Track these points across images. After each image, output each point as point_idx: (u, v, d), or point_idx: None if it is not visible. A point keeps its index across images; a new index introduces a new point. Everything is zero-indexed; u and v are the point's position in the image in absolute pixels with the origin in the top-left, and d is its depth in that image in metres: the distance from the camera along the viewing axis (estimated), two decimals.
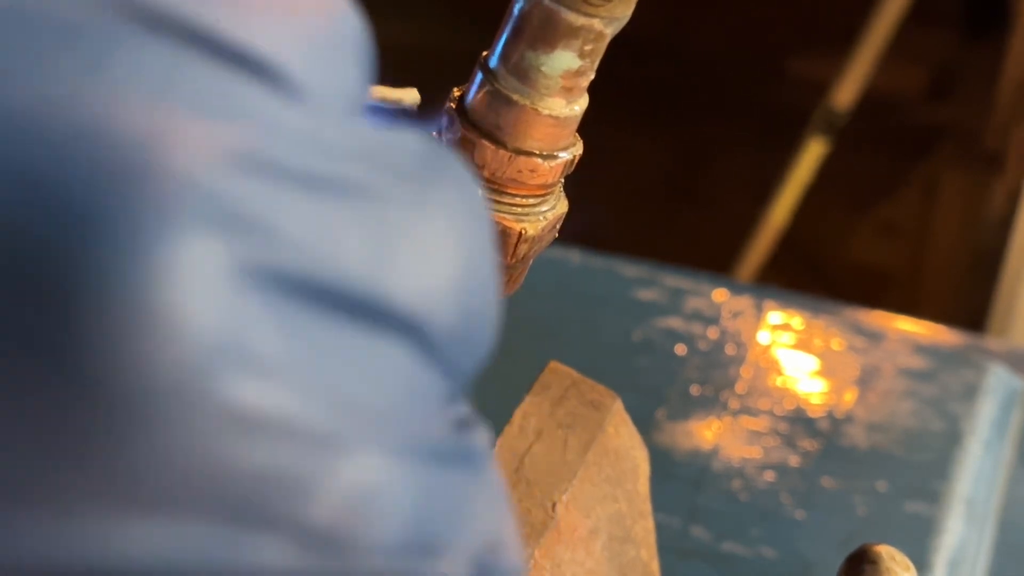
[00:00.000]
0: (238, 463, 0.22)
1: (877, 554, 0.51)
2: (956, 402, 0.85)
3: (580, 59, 0.44)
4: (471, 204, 0.26)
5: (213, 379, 0.22)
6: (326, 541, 0.23)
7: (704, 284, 0.93)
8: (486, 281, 0.26)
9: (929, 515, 0.78)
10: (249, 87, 0.24)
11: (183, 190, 0.22)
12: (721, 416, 0.84)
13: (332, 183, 0.24)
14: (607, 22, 0.43)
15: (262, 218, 0.23)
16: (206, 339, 0.22)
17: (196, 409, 0.22)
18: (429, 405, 0.25)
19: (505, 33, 0.44)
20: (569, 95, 0.45)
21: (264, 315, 0.22)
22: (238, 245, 0.22)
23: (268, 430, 0.22)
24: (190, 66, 0.23)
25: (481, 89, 0.45)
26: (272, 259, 0.23)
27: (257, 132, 0.23)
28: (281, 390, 0.22)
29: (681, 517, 0.77)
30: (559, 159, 0.46)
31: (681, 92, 2.25)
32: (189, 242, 0.22)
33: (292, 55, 0.25)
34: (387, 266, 0.24)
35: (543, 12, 0.43)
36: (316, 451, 0.23)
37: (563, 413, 0.57)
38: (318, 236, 0.23)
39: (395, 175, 0.25)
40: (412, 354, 0.24)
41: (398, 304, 0.24)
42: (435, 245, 0.25)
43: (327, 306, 0.23)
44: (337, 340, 0.23)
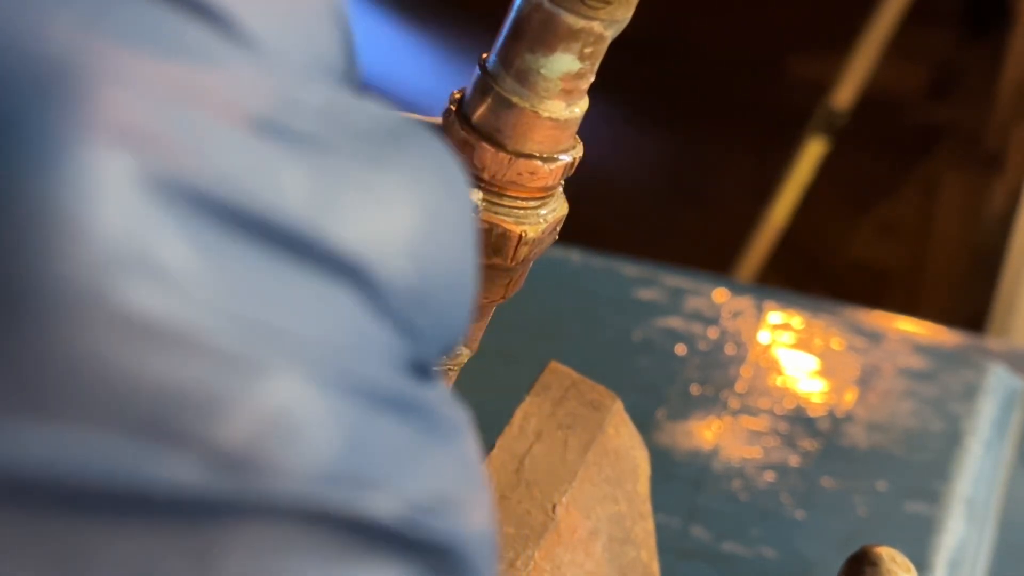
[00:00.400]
0: (139, 374, 0.22)
1: (878, 556, 0.51)
2: (956, 402, 0.85)
3: (580, 62, 0.44)
4: (439, 171, 0.25)
5: (113, 284, 0.22)
6: (238, 462, 0.22)
7: (704, 284, 0.93)
8: (455, 248, 0.25)
9: (929, 515, 0.78)
10: (193, 27, 0.23)
11: (96, 100, 0.22)
12: (721, 416, 0.84)
13: (275, 126, 0.23)
14: (607, 25, 0.43)
15: (183, 138, 0.22)
16: (108, 245, 0.22)
17: (94, 313, 0.22)
18: (373, 351, 0.24)
19: (504, 35, 0.44)
20: (569, 98, 0.44)
21: (174, 228, 0.22)
22: (153, 159, 0.22)
23: (171, 342, 0.22)
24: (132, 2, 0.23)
25: (481, 91, 0.45)
26: (193, 177, 0.22)
27: (193, 65, 0.23)
28: (187, 304, 0.22)
29: (681, 517, 0.77)
30: (559, 162, 0.46)
31: (681, 92, 2.25)
32: (98, 150, 0.22)
33: (245, 4, 0.24)
34: (330, 208, 0.23)
35: (543, 15, 0.43)
36: (226, 370, 0.22)
37: (563, 414, 0.57)
38: (251, 166, 0.23)
39: (353, 133, 0.24)
40: (354, 299, 0.24)
41: (339, 246, 0.23)
42: (390, 198, 0.24)
43: (256, 236, 0.23)
44: (264, 269, 0.23)
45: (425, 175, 0.25)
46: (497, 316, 0.50)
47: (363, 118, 0.25)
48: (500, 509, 0.53)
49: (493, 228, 0.46)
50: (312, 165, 0.23)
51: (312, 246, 0.23)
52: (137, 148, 0.22)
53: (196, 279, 0.22)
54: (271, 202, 0.23)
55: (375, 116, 0.25)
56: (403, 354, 0.25)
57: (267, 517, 0.23)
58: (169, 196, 0.22)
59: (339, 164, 0.24)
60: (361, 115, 0.25)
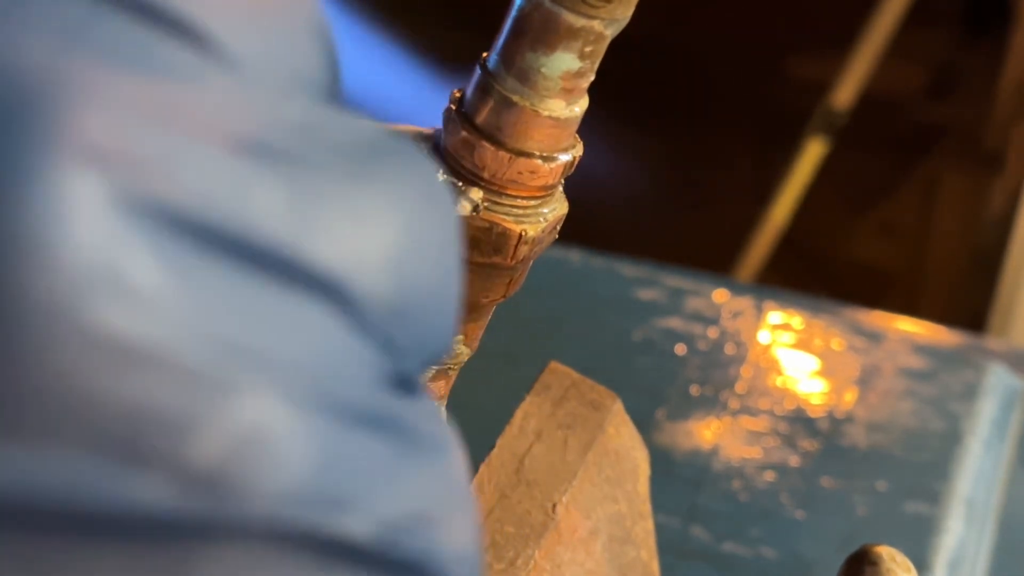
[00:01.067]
0: (110, 394, 0.22)
1: (878, 555, 0.51)
2: (956, 402, 0.85)
3: (580, 60, 0.44)
4: (422, 185, 0.25)
5: (82, 304, 0.21)
6: (210, 483, 0.22)
7: (704, 284, 0.93)
8: (436, 263, 0.25)
9: (929, 515, 0.78)
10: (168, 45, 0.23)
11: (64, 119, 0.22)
12: (721, 416, 0.84)
13: (253, 142, 0.23)
14: (607, 23, 0.43)
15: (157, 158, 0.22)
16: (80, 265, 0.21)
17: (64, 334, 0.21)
18: (350, 368, 0.24)
19: (505, 34, 0.44)
20: (569, 96, 0.45)
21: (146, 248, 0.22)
22: (123, 178, 0.22)
23: (142, 362, 0.22)
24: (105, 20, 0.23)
25: (481, 90, 0.45)
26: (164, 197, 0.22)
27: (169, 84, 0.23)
28: (158, 323, 0.22)
29: (681, 517, 0.77)
30: (559, 160, 0.46)
31: (681, 92, 2.25)
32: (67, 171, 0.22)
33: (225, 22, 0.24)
34: (306, 226, 0.23)
35: (543, 13, 0.43)
36: (197, 389, 0.22)
37: (563, 414, 0.57)
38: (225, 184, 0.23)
39: (333, 149, 0.24)
40: (329, 314, 0.23)
41: (316, 263, 0.23)
42: (369, 213, 0.24)
43: (231, 255, 0.23)
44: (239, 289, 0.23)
45: (405, 189, 0.25)
46: (497, 316, 0.50)
47: (343, 132, 0.24)
48: (500, 508, 0.53)
49: (493, 227, 0.46)
50: (289, 182, 0.23)
51: (288, 263, 0.23)
52: (109, 169, 0.22)
53: (167, 298, 0.22)
54: (246, 220, 0.23)
55: (355, 130, 0.25)
56: (383, 369, 0.25)
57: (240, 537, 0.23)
58: (141, 216, 0.22)
59: (317, 180, 0.24)
60: (341, 129, 0.24)
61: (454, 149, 0.45)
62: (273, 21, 0.25)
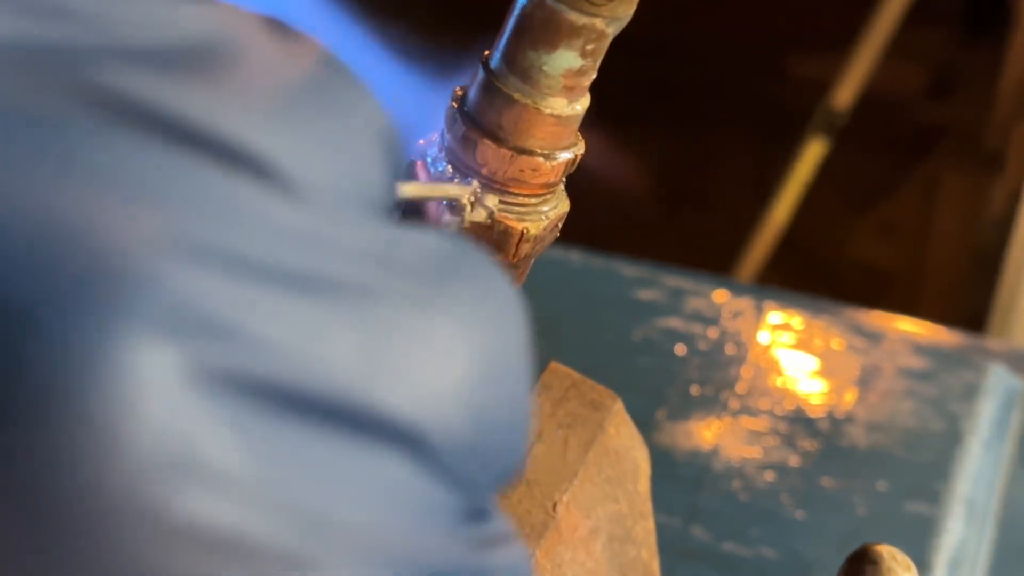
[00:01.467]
0: None
1: (878, 554, 0.51)
2: (956, 402, 0.85)
3: (582, 58, 0.44)
4: (496, 307, 0.24)
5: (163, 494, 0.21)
6: None
7: (704, 284, 0.92)
8: (510, 390, 0.24)
9: (929, 515, 0.78)
10: (232, 182, 0.22)
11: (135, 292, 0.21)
12: (721, 416, 0.84)
13: (323, 283, 0.22)
14: (609, 21, 0.43)
15: (231, 320, 0.21)
16: (156, 451, 0.21)
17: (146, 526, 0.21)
18: (431, 521, 0.23)
19: (507, 32, 0.44)
20: (571, 94, 0.45)
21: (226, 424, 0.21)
22: (199, 348, 0.21)
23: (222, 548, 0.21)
24: (166, 161, 0.22)
25: (483, 88, 0.45)
26: (240, 363, 0.21)
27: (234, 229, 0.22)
28: (235, 505, 0.21)
29: (681, 517, 0.77)
30: (561, 158, 0.46)
31: (681, 92, 2.25)
32: (139, 348, 0.21)
33: (291, 150, 0.23)
34: (380, 371, 0.22)
35: (545, 11, 0.43)
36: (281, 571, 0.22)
37: (563, 413, 0.57)
38: (297, 338, 0.22)
39: (403, 274, 0.23)
40: (409, 467, 0.23)
41: (390, 412, 0.23)
42: (441, 348, 0.23)
43: (306, 415, 0.22)
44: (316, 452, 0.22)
45: (476, 313, 0.24)
46: None
47: (410, 253, 0.24)
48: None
49: (495, 225, 0.46)
50: (359, 321, 0.22)
51: (363, 416, 0.22)
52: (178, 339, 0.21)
53: (245, 477, 0.21)
54: (319, 375, 0.22)
55: (422, 248, 0.24)
56: (459, 507, 0.24)
57: None
58: (214, 387, 0.21)
59: (387, 315, 0.23)
60: (408, 250, 0.24)
61: (456, 147, 0.45)
62: (338, 141, 0.24)
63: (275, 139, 0.23)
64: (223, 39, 0.24)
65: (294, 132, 0.23)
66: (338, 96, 0.25)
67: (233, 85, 0.23)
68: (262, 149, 0.23)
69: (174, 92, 0.22)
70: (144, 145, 0.22)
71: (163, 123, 0.22)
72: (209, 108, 0.23)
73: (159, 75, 0.23)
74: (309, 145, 0.24)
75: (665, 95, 2.24)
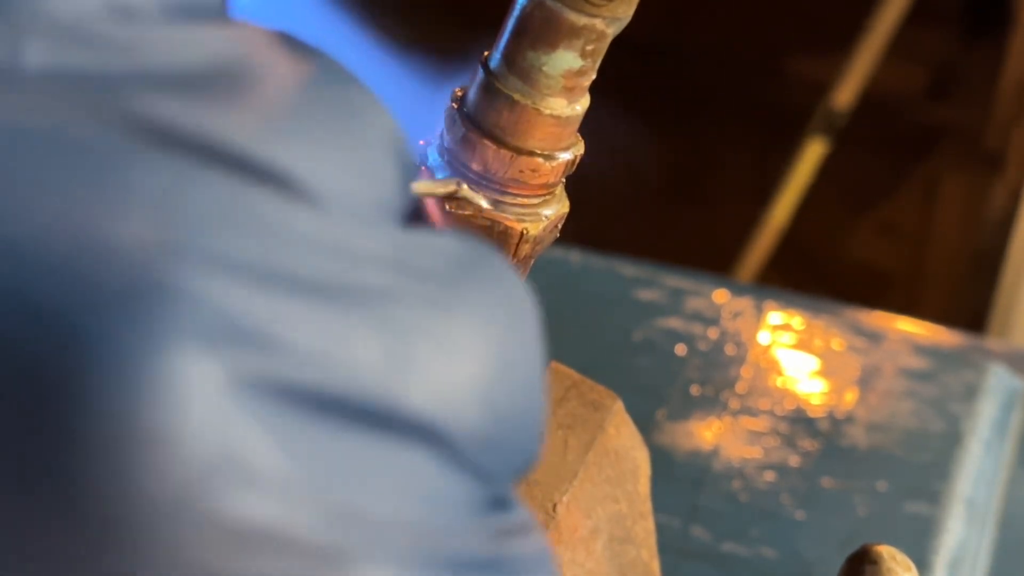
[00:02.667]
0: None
1: (878, 554, 0.51)
2: (956, 402, 0.85)
3: (582, 59, 0.44)
4: (510, 305, 0.26)
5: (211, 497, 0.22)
6: None
7: (704, 284, 0.92)
8: (525, 383, 0.26)
9: (929, 515, 0.78)
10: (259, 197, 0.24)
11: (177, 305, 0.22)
12: (721, 416, 0.84)
13: (347, 290, 0.24)
14: (609, 22, 0.43)
15: (265, 329, 0.23)
16: (203, 456, 0.22)
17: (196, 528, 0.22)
18: (455, 513, 0.25)
19: (507, 33, 0.44)
20: (571, 95, 0.45)
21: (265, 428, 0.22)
22: (237, 358, 0.22)
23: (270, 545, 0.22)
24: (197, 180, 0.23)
25: (483, 89, 0.45)
26: (275, 371, 0.23)
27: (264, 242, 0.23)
28: (282, 504, 0.22)
29: (681, 517, 0.77)
30: (560, 159, 0.46)
31: (681, 92, 2.25)
32: (183, 358, 0.22)
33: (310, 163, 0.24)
34: (403, 371, 0.24)
35: (545, 12, 0.43)
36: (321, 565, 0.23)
37: (563, 413, 0.57)
38: (326, 344, 0.23)
39: (421, 277, 0.25)
40: (433, 461, 0.24)
41: (414, 410, 0.24)
42: (459, 347, 0.24)
43: (337, 416, 0.23)
44: (347, 451, 0.23)
45: (492, 312, 0.25)
46: None
47: (427, 257, 0.25)
48: None
49: (494, 225, 0.46)
50: (382, 325, 0.24)
51: (389, 415, 0.24)
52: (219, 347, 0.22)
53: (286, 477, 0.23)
54: (349, 379, 0.23)
55: (439, 252, 0.25)
56: (481, 497, 0.25)
57: None
58: (253, 393, 0.22)
59: (407, 317, 0.24)
60: (425, 254, 0.25)
61: (456, 148, 0.46)
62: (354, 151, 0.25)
63: (297, 154, 0.24)
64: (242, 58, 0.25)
65: (314, 146, 0.25)
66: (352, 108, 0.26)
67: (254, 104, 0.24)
68: (286, 164, 0.24)
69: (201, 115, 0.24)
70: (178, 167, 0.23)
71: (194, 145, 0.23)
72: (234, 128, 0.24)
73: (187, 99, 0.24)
74: (328, 157, 0.25)
75: (665, 95, 2.24)
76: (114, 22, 0.24)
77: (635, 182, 2.12)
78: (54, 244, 0.22)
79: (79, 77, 0.23)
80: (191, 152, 0.23)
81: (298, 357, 0.23)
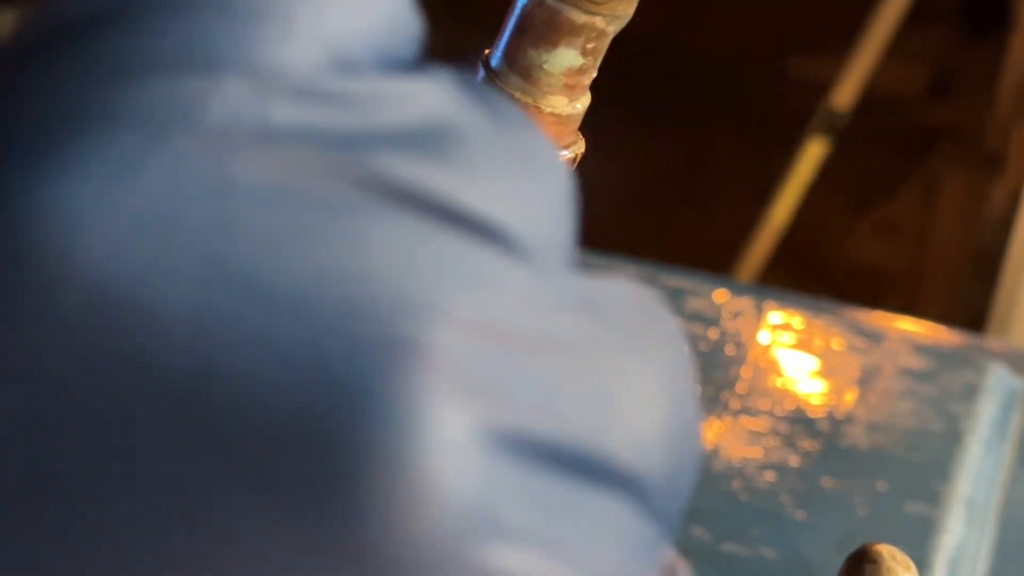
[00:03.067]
0: None
1: (878, 553, 0.51)
2: (956, 402, 0.85)
3: (582, 57, 0.44)
4: (678, 351, 0.27)
5: (470, 545, 0.23)
6: None
7: (704, 284, 0.92)
8: (691, 426, 0.27)
9: (929, 515, 0.78)
10: (485, 253, 0.24)
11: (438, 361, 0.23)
12: (721, 416, 0.84)
13: (555, 340, 0.24)
14: (609, 20, 0.43)
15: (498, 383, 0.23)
16: (463, 506, 0.23)
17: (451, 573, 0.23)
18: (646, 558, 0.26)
19: (507, 31, 0.44)
20: (571, 93, 0.45)
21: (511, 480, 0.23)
22: (484, 412, 0.23)
23: None
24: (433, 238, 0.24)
25: None
26: (511, 423, 0.24)
27: (493, 299, 0.24)
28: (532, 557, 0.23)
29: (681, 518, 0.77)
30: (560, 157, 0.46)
31: (681, 92, 2.25)
32: (445, 413, 0.23)
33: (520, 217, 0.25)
34: (607, 421, 0.25)
35: (546, 10, 0.43)
36: None
37: None
38: (547, 396, 0.24)
39: (611, 326, 0.25)
40: (631, 508, 0.25)
41: (619, 460, 0.25)
42: (649, 395, 0.25)
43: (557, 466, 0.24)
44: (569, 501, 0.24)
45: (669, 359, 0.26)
46: None
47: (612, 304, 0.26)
48: None
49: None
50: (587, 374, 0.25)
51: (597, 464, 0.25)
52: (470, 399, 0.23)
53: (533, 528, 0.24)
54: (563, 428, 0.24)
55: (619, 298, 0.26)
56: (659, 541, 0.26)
57: None
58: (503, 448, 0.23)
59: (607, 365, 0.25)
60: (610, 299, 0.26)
61: None
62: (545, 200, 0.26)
63: (504, 205, 0.25)
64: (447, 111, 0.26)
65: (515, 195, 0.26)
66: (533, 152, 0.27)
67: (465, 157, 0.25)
68: (497, 216, 0.25)
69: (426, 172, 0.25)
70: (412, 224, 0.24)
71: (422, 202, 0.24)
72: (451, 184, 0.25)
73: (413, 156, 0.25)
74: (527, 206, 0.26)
75: (665, 95, 2.24)
76: (341, 77, 0.25)
77: (635, 182, 2.12)
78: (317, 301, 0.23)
79: (319, 134, 0.24)
80: (420, 209, 0.24)
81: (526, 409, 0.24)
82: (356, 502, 0.22)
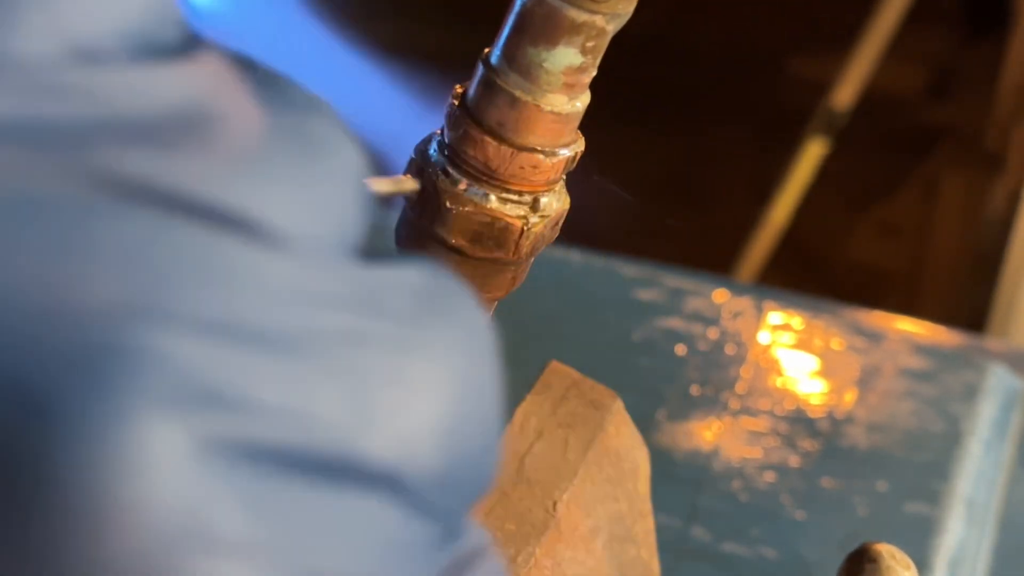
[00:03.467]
0: None
1: (878, 552, 0.51)
2: (956, 402, 0.85)
3: (582, 56, 0.44)
4: (469, 339, 0.26)
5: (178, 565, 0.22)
6: None
7: (704, 284, 0.92)
8: (482, 418, 0.26)
9: (929, 515, 0.78)
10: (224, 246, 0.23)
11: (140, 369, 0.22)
12: (721, 416, 0.84)
13: (309, 338, 0.23)
14: (609, 19, 0.43)
15: (231, 389, 0.22)
16: (170, 524, 0.22)
17: None
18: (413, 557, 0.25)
19: (507, 30, 0.44)
20: (571, 91, 0.45)
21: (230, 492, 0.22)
22: (201, 420, 0.22)
23: None
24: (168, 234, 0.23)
25: (484, 86, 0.45)
26: (239, 431, 0.22)
27: (236, 297, 0.23)
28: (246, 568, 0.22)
29: (681, 517, 0.77)
30: (561, 155, 0.46)
31: (681, 92, 2.25)
32: (147, 425, 0.22)
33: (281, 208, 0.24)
34: (363, 420, 0.24)
35: (545, 9, 0.43)
36: None
37: (564, 413, 0.57)
38: (289, 399, 0.23)
39: (382, 317, 0.24)
40: (393, 508, 0.24)
41: (375, 459, 0.24)
42: (418, 389, 0.24)
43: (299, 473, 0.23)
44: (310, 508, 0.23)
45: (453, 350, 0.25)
46: (497, 316, 0.50)
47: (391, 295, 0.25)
48: (501, 506, 0.53)
49: (495, 221, 0.46)
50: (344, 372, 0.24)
51: (351, 467, 0.24)
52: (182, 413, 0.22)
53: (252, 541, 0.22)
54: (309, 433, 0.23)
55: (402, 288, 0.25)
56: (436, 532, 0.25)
57: None
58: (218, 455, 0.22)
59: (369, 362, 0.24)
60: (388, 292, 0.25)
61: (457, 145, 0.46)
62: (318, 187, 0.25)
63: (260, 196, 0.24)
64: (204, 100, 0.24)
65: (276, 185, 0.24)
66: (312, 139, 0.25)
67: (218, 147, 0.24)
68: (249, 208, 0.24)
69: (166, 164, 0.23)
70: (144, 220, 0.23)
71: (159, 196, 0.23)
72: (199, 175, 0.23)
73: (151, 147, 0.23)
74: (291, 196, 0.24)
75: (665, 95, 2.24)
76: (77, 67, 0.24)
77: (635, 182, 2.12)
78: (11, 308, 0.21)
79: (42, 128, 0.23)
80: (156, 203, 0.23)
81: (262, 415, 0.23)
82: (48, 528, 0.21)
